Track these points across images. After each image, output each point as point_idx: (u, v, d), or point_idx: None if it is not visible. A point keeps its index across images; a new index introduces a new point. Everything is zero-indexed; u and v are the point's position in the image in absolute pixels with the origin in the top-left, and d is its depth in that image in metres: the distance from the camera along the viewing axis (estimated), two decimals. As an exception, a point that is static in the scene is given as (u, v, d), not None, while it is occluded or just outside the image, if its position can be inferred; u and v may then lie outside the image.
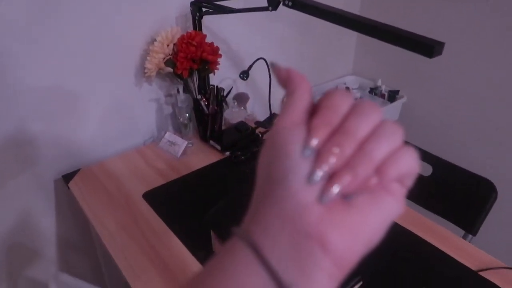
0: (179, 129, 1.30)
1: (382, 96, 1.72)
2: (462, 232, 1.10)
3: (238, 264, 0.22)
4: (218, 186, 1.08)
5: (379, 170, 0.22)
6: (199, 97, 1.22)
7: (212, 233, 0.84)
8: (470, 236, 1.08)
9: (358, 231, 0.22)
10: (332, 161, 0.22)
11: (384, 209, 0.23)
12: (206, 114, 1.21)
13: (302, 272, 0.21)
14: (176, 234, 0.91)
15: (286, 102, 0.25)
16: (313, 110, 0.24)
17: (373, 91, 1.75)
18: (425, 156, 1.19)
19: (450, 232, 0.93)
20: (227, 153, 1.19)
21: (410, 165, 0.23)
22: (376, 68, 1.81)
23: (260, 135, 1.25)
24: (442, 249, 0.87)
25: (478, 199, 1.07)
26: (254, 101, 1.52)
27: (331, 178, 0.22)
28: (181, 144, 1.20)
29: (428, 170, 1.18)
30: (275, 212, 0.22)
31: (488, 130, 1.50)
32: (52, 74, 1.04)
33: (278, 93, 1.62)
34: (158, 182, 1.09)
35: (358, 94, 1.73)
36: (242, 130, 1.22)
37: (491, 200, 1.05)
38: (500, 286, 0.79)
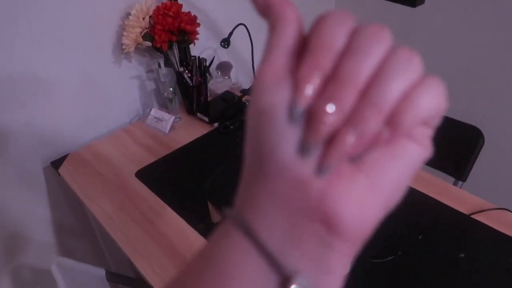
0: (164, 105, 1.28)
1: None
2: (453, 179, 1.12)
3: (234, 251, 0.19)
4: (210, 158, 1.08)
5: (392, 119, 0.17)
6: (181, 69, 1.19)
7: (210, 204, 0.85)
8: (461, 182, 1.11)
9: (371, 197, 0.18)
10: (327, 122, 0.17)
11: (403, 161, 0.18)
12: (191, 87, 1.19)
13: (307, 255, 0.19)
14: (174, 208, 0.91)
15: (267, 42, 0.19)
16: (305, 45, 0.19)
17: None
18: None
19: (441, 180, 0.95)
20: (216, 124, 1.19)
21: (433, 104, 0.18)
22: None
23: (247, 103, 1.24)
24: (434, 197, 0.90)
25: (466, 146, 1.09)
26: (238, 69, 1.49)
27: (329, 143, 0.17)
28: (168, 119, 1.19)
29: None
30: (268, 191, 0.19)
31: (471, 78, 1.51)
32: (21, 61, 1.00)
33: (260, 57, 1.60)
34: (149, 159, 1.08)
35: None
36: (229, 99, 1.21)
37: (479, 146, 1.07)
38: (492, 226, 0.82)
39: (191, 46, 1.23)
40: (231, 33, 1.25)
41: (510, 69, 1.39)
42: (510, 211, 0.85)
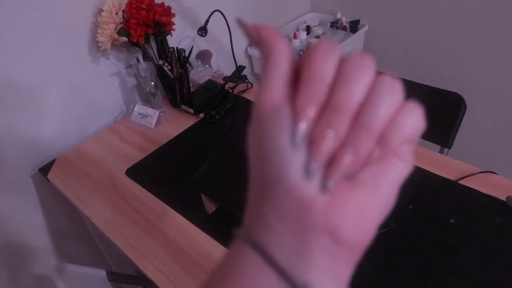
0: (147, 100, 1.27)
1: (344, 28, 1.70)
2: (438, 147, 1.14)
3: (247, 268, 0.21)
4: (199, 149, 1.08)
5: (381, 140, 0.20)
6: (160, 62, 1.18)
7: (202, 195, 0.85)
8: (446, 149, 1.13)
9: (368, 208, 0.21)
10: (327, 147, 0.19)
11: (392, 175, 0.21)
12: (172, 79, 1.18)
13: (317, 267, 0.20)
14: (168, 203, 0.92)
15: (263, 72, 0.22)
16: (297, 73, 0.21)
17: (334, 25, 1.73)
18: (394, 81, 1.21)
19: (426, 149, 0.97)
20: (201, 115, 1.18)
21: (415, 126, 0.21)
22: (333, 0, 1.78)
23: (230, 91, 1.23)
24: (421, 167, 0.92)
25: (449, 113, 1.11)
26: (218, 56, 1.48)
27: (329, 163, 0.20)
28: (153, 114, 1.18)
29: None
30: (276, 209, 0.21)
31: (450, 45, 1.52)
32: None
33: (240, 43, 1.58)
34: (138, 156, 1.08)
35: (320, 31, 1.70)
36: (212, 88, 1.20)
37: (461, 112, 1.09)
38: (479, 189, 0.84)
39: (169, 37, 1.22)
40: (207, 21, 1.23)
41: (485, 33, 1.40)
42: (495, 173, 0.88)
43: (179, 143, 1.11)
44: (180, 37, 1.35)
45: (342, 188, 0.20)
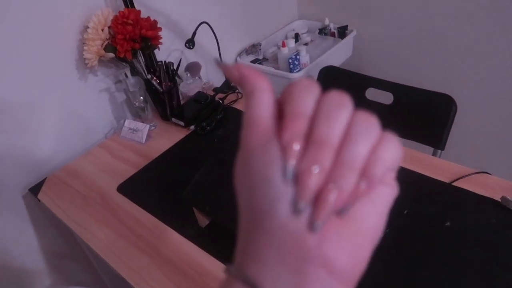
0: (137, 114, 1.26)
1: (332, 34, 1.71)
2: (431, 149, 1.14)
3: None
4: (191, 162, 1.07)
5: (365, 173, 0.21)
6: (149, 77, 1.17)
7: (195, 210, 0.84)
8: (439, 151, 1.12)
9: (360, 238, 0.21)
10: (313, 183, 0.20)
11: (380, 203, 0.22)
12: (161, 93, 1.17)
13: None
14: (160, 218, 0.91)
15: (247, 110, 0.23)
16: (279, 109, 0.22)
17: (322, 31, 1.73)
18: (385, 85, 1.21)
19: (419, 152, 0.97)
20: (192, 127, 1.17)
21: (394, 155, 0.21)
22: (320, 7, 1.79)
23: (220, 101, 1.23)
24: (415, 170, 0.91)
25: (440, 115, 1.11)
26: (207, 67, 1.48)
27: (316, 201, 0.20)
28: (143, 129, 1.17)
29: (389, 98, 1.20)
30: (268, 243, 0.21)
31: (438, 46, 1.53)
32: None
33: (229, 53, 1.58)
34: (130, 172, 1.07)
35: (308, 38, 1.71)
36: (202, 100, 1.20)
37: (452, 113, 1.08)
38: (473, 191, 0.84)
39: (157, 51, 1.21)
40: (194, 33, 1.23)
41: (473, 34, 1.41)
42: (488, 173, 0.87)
43: (171, 156, 1.10)
44: (169, 50, 1.35)
45: (332, 222, 0.20)
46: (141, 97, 1.19)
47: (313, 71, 1.48)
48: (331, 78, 1.35)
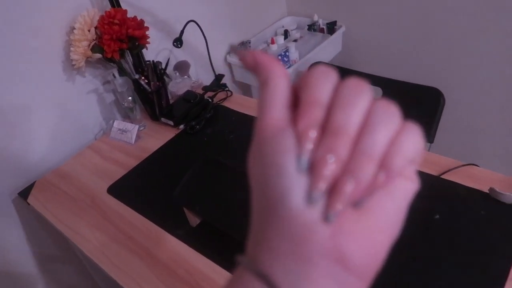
0: (126, 115, 1.25)
1: (321, 30, 1.71)
2: (421, 142, 1.14)
3: None
4: (181, 161, 1.06)
5: (384, 164, 0.19)
6: (137, 76, 1.16)
7: (185, 209, 0.84)
8: (429, 144, 1.13)
9: (376, 232, 0.20)
10: (329, 172, 0.19)
11: (399, 197, 0.21)
12: (150, 92, 1.17)
13: None
14: (151, 219, 0.90)
15: (262, 97, 0.22)
16: (295, 96, 0.21)
17: (312, 27, 1.73)
18: (373, 80, 1.21)
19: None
20: (182, 127, 1.17)
21: (416, 146, 0.20)
22: (309, 3, 1.78)
23: (210, 100, 1.22)
24: (405, 164, 0.91)
25: (429, 108, 1.11)
26: (196, 66, 1.47)
27: (331, 192, 0.19)
28: (133, 129, 1.16)
29: (378, 93, 1.20)
30: (281, 235, 0.20)
31: (426, 40, 1.54)
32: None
33: (218, 51, 1.57)
34: (120, 173, 1.06)
35: (297, 35, 1.70)
36: (191, 99, 1.19)
37: (440, 107, 1.09)
38: (462, 183, 0.84)
39: (145, 51, 1.20)
40: (182, 32, 1.22)
41: (460, 27, 1.41)
42: (477, 165, 0.88)
43: (160, 156, 1.10)
44: (157, 49, 1.34)
45: (348, 215, 0.20)
46: (130, 98, 1.19)
47: (302, 67, 1.48)
48: (321, 74, 1.35)
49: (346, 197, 0.19)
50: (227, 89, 1.27)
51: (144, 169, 1.06)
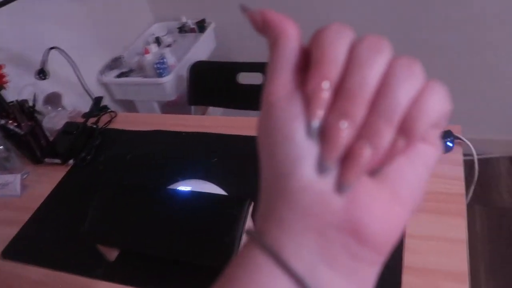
0: (2, 166, 1.11)
1: (192, 30, 1.71)
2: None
3: (259, 274, 0.18)
4: (80, 198, 0.98)
5: (404, 128, 0.17)
6: (3, 122, 1.03)
7: (98, 246, 0.77)
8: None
9: (395, 202, 0.18)
10: (342, 139, 0.17)
11: (421, 165, 0.19)
12: (23, 135, 1.04)
13: (339, 270, 0.18)
14: (63, 269, 0.81)
15: (270, 60, 0.20)
16: (307, 57, 0.19)
17: (182, 29, 1.72)
18: (255, 67, 1.25)
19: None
20: (71, 161, 1.07)
21: (441, 107, 0.18)
22: (174, 6, 1.77)
23: (95, 126, 1.14)
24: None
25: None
26: (69, 95, 1.36)
27: (345, 160, 0.18)
28: (14, 180, 1.03)
29: (261, 79, 1.25)
30: (290, 207, 0.18)
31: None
32: None
33: (90, 74, 1.47)
34: (12, 232, 0.93)
35: (170, 39, 1.68)
36: (73, 130, 1.10)
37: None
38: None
39: (3, 91, 1.07)
40: (43, 62, 1.12)
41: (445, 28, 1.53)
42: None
43: (56, 200, 0.99)
44: (18, 87, 1.21)
45: (363, 185, 0.18)
46: (1, 147, 1.05)
47: (183, 70, 1.46)
48: (203, 72, 1.35)
49: (362, 166, 0.18)
50: (109, 110, 1.20)
51: (40, 219, 0.95)
